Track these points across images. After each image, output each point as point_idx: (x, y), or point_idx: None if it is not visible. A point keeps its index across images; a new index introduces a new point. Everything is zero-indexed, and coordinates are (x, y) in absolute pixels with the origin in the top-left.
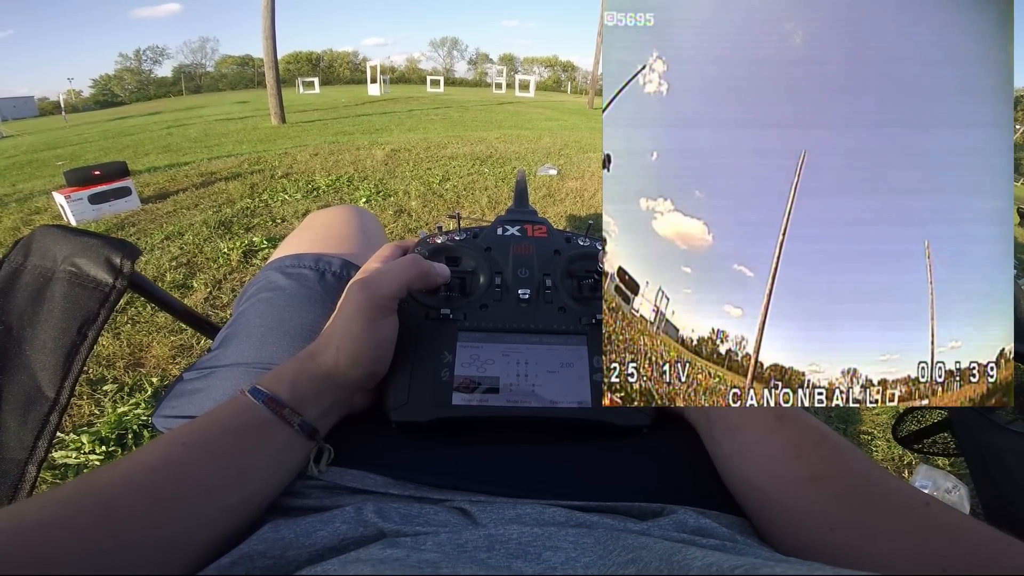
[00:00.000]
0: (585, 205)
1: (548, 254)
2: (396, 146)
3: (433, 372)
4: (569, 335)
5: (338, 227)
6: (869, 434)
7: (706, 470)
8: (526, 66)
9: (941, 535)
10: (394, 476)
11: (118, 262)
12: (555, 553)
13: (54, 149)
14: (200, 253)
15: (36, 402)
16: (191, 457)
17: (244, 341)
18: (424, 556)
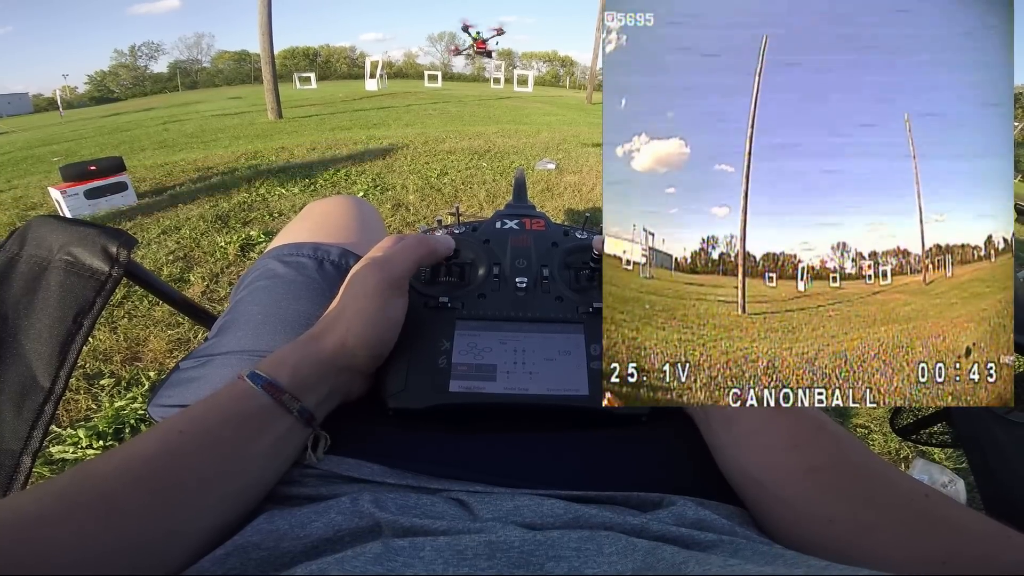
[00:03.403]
0: (583, 199)
1: (546, 246)
2: (394, 140)
3: (431, 360)
4: (566, 323)
5: (337, 217)
6: (866, 427)
7: (705, 460)
8: (525, 61)
9: (941, 527)
10: (391, 465)
11: (114, 251)
12: (558, 564)
13: (49, 145)
14: (197, 247)
15: (31, 392)
16: (189, 445)
17: (242, 329)
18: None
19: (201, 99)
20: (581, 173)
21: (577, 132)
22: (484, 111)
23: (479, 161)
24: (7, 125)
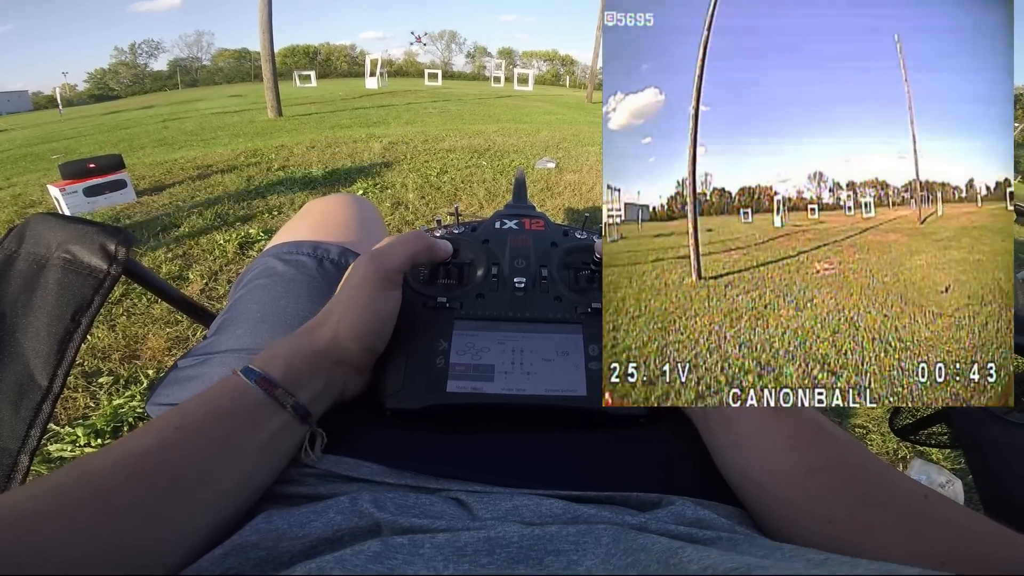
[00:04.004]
0: (583, 198)
1: (545, 246)
2: (394, 139)
3: (428, 360)
4: (565, 324)
5: (336, 215)
6: (864, 427)
7: (704, 461)
8: (525, 60)
9: (940, 528)
10: (389, 464)
11: (112, 249)
12: (557, 558)
13: (49, 143)
14: (196, 245)
15: (28, 391)
16: (184, 441)
17: (240, 327)
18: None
19: (201, 97)
20: (581, 172)
21: (577, 131)
22: (484, 110)
23: (479, 160)
24: (6, 123)
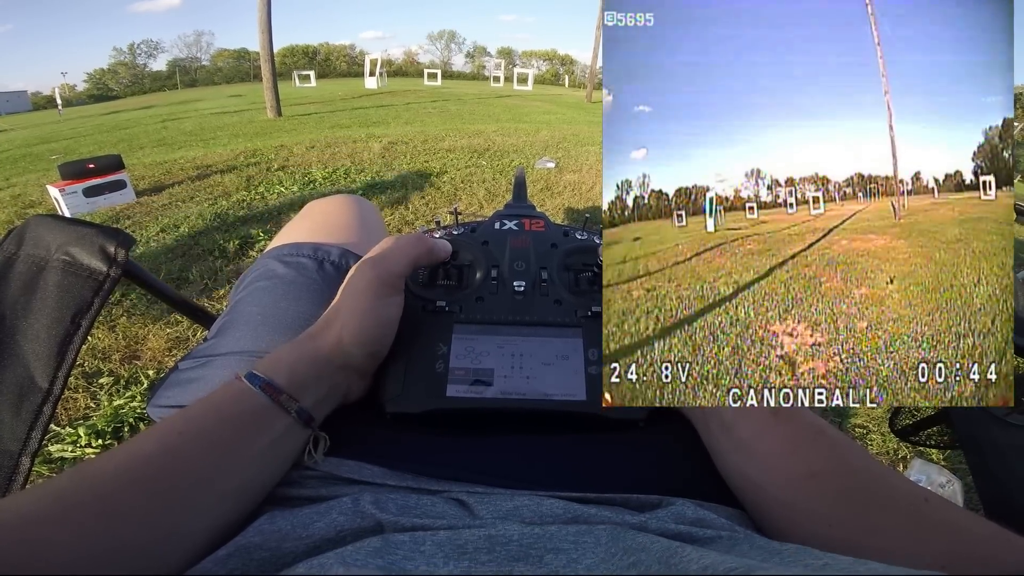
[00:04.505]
0: (583, 198)
1: (545, 248)
2: (393, 139)
3: (428, 364)
4: (564, 327)
5: (337, 216)
6: (864, 428)
7: (704, 464)
8: (524, 59)
9: (941, 531)
10: (391, 467)
11: (112, 250)
12: (556, 556)
13: (48, 143)
14: (196, 245)
15: (29, 393)
16: (187, 446)
17: (241, 329)
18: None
19: (200, 97)
20: (581, 172)
21: (577, 131)
22: (484, 109)
23: (479, 160)
24: (6, 123)
